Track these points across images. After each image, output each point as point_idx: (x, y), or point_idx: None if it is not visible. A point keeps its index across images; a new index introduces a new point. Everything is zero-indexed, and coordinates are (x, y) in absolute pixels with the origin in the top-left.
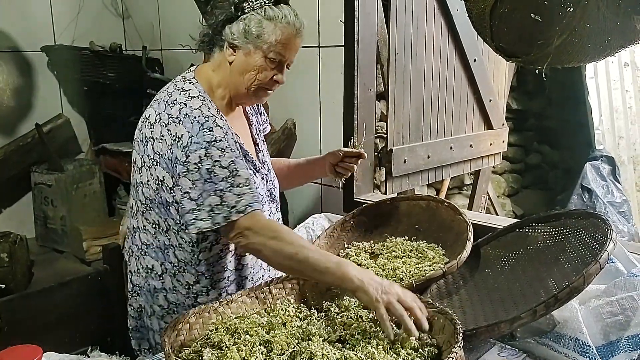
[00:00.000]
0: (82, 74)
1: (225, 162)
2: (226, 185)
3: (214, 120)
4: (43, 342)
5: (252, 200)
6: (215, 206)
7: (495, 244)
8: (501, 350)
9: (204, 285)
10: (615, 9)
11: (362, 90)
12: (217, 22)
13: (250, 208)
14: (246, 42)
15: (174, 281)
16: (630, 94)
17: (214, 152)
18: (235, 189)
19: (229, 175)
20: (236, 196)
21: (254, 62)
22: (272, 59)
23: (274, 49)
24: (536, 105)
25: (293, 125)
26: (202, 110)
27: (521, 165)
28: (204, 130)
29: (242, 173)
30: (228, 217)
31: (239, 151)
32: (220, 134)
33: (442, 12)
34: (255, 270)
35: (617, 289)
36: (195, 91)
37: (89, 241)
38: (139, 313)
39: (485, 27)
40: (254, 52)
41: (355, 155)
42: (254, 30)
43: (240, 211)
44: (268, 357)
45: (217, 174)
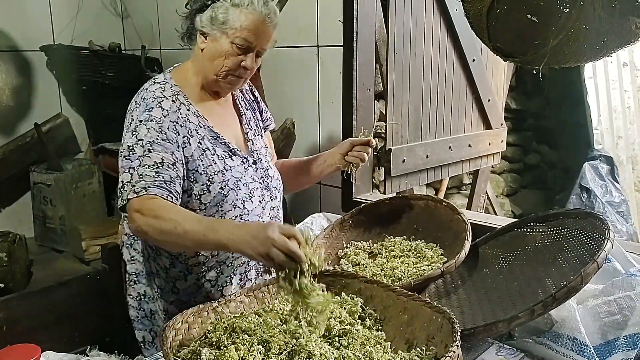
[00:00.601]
0: (81, 73)
1: (145, 142)
2: (137, 163)
3: (160, 101)
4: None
5: (151, 184)
6: (125, 183)
7: (493, 243)
8: (499, 349)
9: (180, 270)
10: (611, 10)
11: (361, 90)
12: (191, 11)
13: (145, 191)
14: (212, 28)
15: (154, 265)
16: (629, 93)
17: (142, 131)
18: (140, 169)
19: (141, 155)
20: (139, 176)
21: (221, 48)
22: (238, 45)
23: (240, 34)
24: (535, 105)
25: (292, 125)
26: (155, 92)
27: (520, 165)
28: (145, 110)
29: (153, 155)
30: (128, 195)
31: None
32: (156, 115)
33: (441, 12)
34: (235, 255)
35: (615, 288)
36: (161, 78)
37: (87, 241)
38: (139, 301)
39: (482, 28)
40: (220, 38)
41: (365, 142)
42: (220, 17)
43: (135, 192)
44: (266, 356)
45: (135, 152)
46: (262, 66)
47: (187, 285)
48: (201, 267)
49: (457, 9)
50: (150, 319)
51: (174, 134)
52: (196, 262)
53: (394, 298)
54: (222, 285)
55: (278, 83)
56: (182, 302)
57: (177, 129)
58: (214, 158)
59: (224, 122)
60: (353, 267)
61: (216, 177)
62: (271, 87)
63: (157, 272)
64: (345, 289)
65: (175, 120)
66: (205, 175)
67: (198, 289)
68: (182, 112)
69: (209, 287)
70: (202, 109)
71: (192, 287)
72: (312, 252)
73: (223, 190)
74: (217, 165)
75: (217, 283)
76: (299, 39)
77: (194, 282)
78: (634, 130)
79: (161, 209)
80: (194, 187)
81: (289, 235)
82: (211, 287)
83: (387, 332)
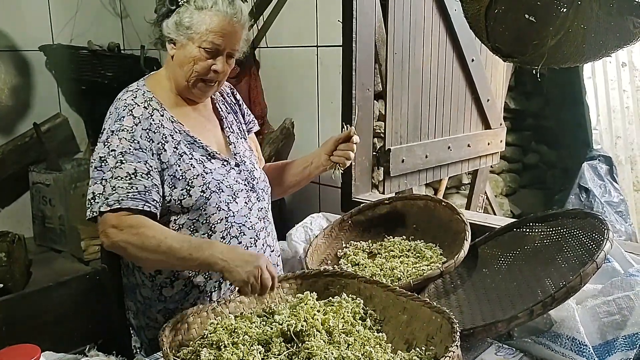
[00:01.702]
0: (80, 73)
1: (117, 152)
2: (109, 175)
3: (131, 109)
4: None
5: (124, 196)
6: (97, 195)
7: (492, 243)
8: (498, 349)
9: (167, 277)
10: (608, 10)
11: (360, 90)
12: (157, 17)
13: (118, 204)
14: (179, 34)
15: (140, 275)
16: (628, 93)
17: (113, 141)
18: (113, 181)
19: (114, 166)
20: (111, 188)
21: (189, 54)
22: (206, 49)
23: (206, 38)
24: (534, 105)
25: (291, 125)
26: (126, 100)
27: (519, 165)
28: (116, 120)
29: (126, 166)
30: (101, 206)
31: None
32: (128, 124)
33: (440, 12)
34: None
35: (614, 288)
36: (134, 86)
37: (87, 240)
38: (134, 312)
39: (481, 28)
40: (187, 44)
41: (346, 137)
42: (185, 22)
43: (109, 204)
44: (266, 356)
45: (108, 163)
46: (261, 66)
47: (174, 292)
48: (187, 272)
49: (456, 9)
50: (144, 331)
51: (147, 141)
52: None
53: (394, 298)
54: (210, 290)
55: (277, 83)
56: (170, 311)
57: (150, 136)
58: (192, 162)
59: (202, 126)
60: (352, 267)
61: (196, 180)
62: (270, 87)
63: (143, 282)
64: (344, 289)
65: (147, 127)
66: (184, 180)
67: (185, 296)
68: (154, 119)
69: (197, 293)
70: (178, 114)
71: (179, 293)
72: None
73: (205, 193)
74: (195, 169)
75: (205, 289)
76: (298, 39)
77: (181, 289)
78: (632, 130)
79: (142, 225)
80: (173, 193)
81: (272, 274)
82: (199, 293)
83: (387, 332)
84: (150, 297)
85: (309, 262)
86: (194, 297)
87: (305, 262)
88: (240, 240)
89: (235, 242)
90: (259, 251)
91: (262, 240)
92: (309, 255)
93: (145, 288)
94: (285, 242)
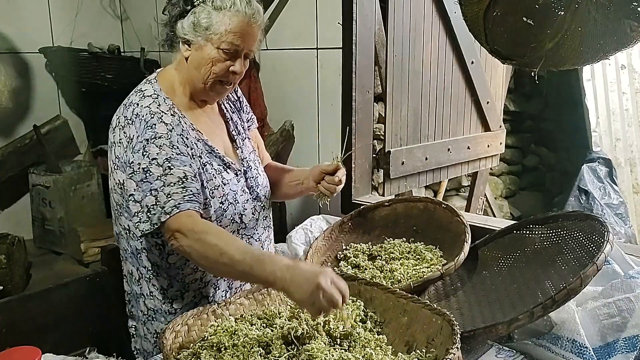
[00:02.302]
0: (80, 75)
1: (161, 160)
2: (160, 184)
3: (160, 116)
4: (41, 343)
5: (181, 200)
6: (151, 206)
7: (492, 245)
8: (499, 351)
9: (178, 289)
10: (605, 13)
11: (360, 92)
12: (170, 18)
13: (177, 209)
14: (196, 35)
15: (149, 286)
16: (627, 96)
17: (152, 150)
18: (166, 188)
19: (162, 174)
20: (165, 196)
21: (207, 55)
22: (225, 50)
23: (225, 39)
24: (533, 108)
25: (291, 127)
26: (151, 107)
27: (518, 167)
28: (147, 128)
29: (175, 171)
30: (160, 217)
31: (197, 148)
32: (162, 131)
33: (440, 14)
34: None
35: (614, 290)
36: (150, 90)
37: (86, 242)
38: (137, 318)
39: (479, 30)
40: (205, 45)
41: (332, 171)
42: (203, 23)
43: (167, 212)
44: (266, 358)
45: (153, 173)
46: (261, 68)
47: (184, 304)
48: (198, 283)
49: (456, 12)
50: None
51: (184, 146)
52: (193, 278)
53: (394, 300)
54: (219, 300)
55: (277, 85)
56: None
57: (185, 142)
58: (213, 172)
59: (212, 131)
60: (352, 269)
61: (216, 191)
62: (270, 90)
63: (151, 293)
64: None
65: (180, 133)
66: (208, 189)
67: (194, 307)
68: (183, 126)
69: (206, 304)
70: (193, 120)
71: (189, 304)
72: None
73: (223, 205)
74: (216, 179)
75: (214, 299)
76: (298, 41)
77: (191, 300)
78: (632, 133)
79: (205, 231)
80: None
81: (340, 288)
82: (208, 304)
83: (387, 334)
84: (158, 309)
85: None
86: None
87: None
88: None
89: None
90: None
91: (265, 249)
92: (309, 257)
93: (153, 299)
94: (285, 244)
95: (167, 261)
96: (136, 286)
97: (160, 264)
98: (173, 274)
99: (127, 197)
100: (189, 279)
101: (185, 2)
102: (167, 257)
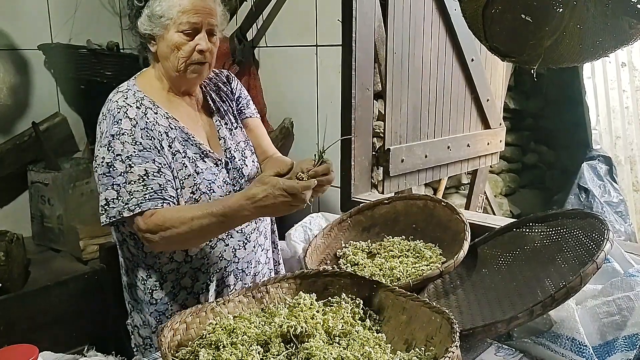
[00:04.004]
0: (79, 72)
1: (124, 156)
2: (122, 180)
3: (125, 110)
4: (39, 341)
5: (142, 199)
6: (111, 200)
7: (492, 243)
8: (498, 350)
9: (156, 280)
10: (604, 10)
11: (360, 90)
12: (131, 21)
13: (139, 208)
14: (155, 26)
15: (132, 276)
16: (628, 94)
17: (116, 146)
18: (128, 186)
19: (124, 171)
20: (128, 193)
21: (170, 42)
22: (185, 31)
23: (181, 19)
24: (533, 105)
25: (290, 125)
26: (118, 102)
27: (518, 165)
28: (114, 123)
29: (136, 169)
30: (121, 212)
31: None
32: (126, 127)
33: (440, 11)
34: (208, 261)
35: (614, 289)
36: (124, 86)
37: (85, 240)
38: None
39: (479, 28)
40: (166, 33)
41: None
42: (157, 12)
43: (130, 209)
44: (265, 357)
45: (116, 168)
46: (260, 66)
47: (163, 294)
48: (175, 274)
49: (456, 9)
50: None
51: (149, 140)
52: (170, 269)
53: (393, 298)
54: (198, 292)
55: (276, 82)
56: (160, 313)
57: (149, 135)
58: (185, 161)
59: (194, 121)
60: (352, 267)
61: (186, 181)
62: (270, 87)
63: (135, 283)
64: (343, 289)
65: (144, 127)
66: (178, 179)
67: (174, 297)
68: (149, 117)
69: (185, 295)
70: (171, 109)
71: (168, 295)
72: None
73: (194, 194)
74: (187, 168)
75: (192, 290)
76: (298, 38)
77: (170, 290)
78: (632, 131)
79: (166, 219)
80: None
81: (293, 186)
82: (187, 295)
83: (386, 332)
84: (142, 300)
85: (308, 262)
86: (182, 299)
87: (305, 262)
88: (227, 242)
89: (222, 245)
90: (248, 254)
91: (252, 242)
92: (308, 255)
93: (138, 290)
94: (285, 241)
95: (142, 251)
96: (125, 277)
97: (137, 254)
98: (150, 264)
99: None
100: (165, 268)
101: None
102: (142, 247)
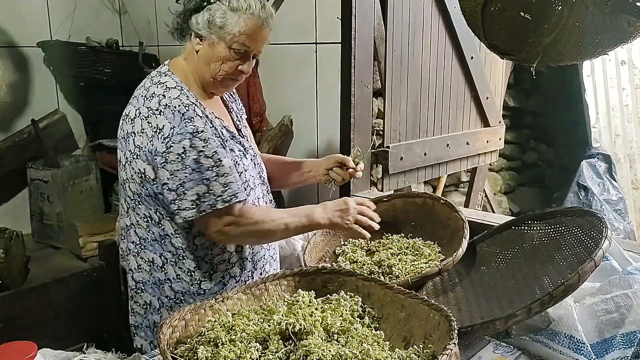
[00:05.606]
0: (78, 69)
1: (209, 152)
2: (212, 174)
3: (194, 109)
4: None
5: (237, 189)
6: (202, 194)
7: (491, 241)
8: (496, 347)
9: (206, 270)
10: (603, 7)
11: (359, 87)
12: (185, 10)
13: (236, 198)
14: (210, 32)
15: (176, 269)
16: (627, 92)
17: (198, 143)
18: (220, 178)
19: (213, 165)
20: (222, 185)
21: (218, 53)
22: (236, 50)
23: (238, 39)
24: (533, 103)
25: (290, 122)
26: (182, 99)
27: (518, 163)
28: (185, 120)
29: (225, 162)
30: (214, 205)
31: (223, 136)
32: (201, 125)
33: (440, 9)
34: (255, 250)
35: (612, 286)
36: (172, 82)
37: (85, 237)
38: (145, 310)
39: (478, 25)
40: (217, 43)
41: (352, 168)
42: (217, 21)
43: (226, 200)
44: (263, 354)
45: (203, 164)
46: (260, 63)
47: (212, 284)
48: (226, 264)
49: (456, 7)
50: (152, 330)
51: (218, 138)
52: (221, 259)
53: (392, 296)
54: (244, 280)
55: (276, 80)
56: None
57: (216, 133)
58: (236, 159)
59: (227, 119)
60: (351, 265)
61: (241, 176)
62: (269, 85)
63: (179, 276)
64: (342, 286)
65: (211, 125)
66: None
67: (223, 287)
68: (208, 116)
69: (234, 284)
70: (210, 107)
71: (217, 285)
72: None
73: (246, 190)
74: (239, 166)
75: (240, 279)
76: (297, 36)
77: (219, 280)
78: (631, 129)
79: (255, 213)
80: None
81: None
82: (235, 283)
83: (385, 329)
84: (186, 291)
85: (307, 259)
86: (230, 288)
87: (304, 260)
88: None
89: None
90: (268, 249)
91: None
92: (307, 252)
93: (180, 282)
94: None
95: (194, 243)
96: (160, 273)
97: (186, 246)
98: (201, 255)
99: (162, 186)
100: (217, 259)
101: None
102: (194, 239)
